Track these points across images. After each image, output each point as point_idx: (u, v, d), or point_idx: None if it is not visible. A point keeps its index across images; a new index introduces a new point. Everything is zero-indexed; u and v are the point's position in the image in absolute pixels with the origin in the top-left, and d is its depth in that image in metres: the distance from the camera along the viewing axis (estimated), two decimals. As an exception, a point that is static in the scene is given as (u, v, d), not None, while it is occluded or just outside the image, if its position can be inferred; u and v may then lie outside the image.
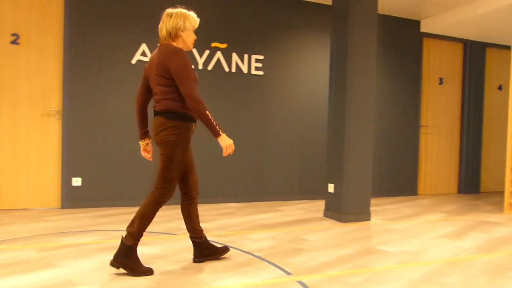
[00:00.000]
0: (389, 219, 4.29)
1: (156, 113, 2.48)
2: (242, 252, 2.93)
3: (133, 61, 4.59)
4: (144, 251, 2.87)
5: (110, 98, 4.52)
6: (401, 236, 3.55)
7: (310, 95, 5.50)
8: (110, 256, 2.74)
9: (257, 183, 5.22)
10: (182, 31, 2.48)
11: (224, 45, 4.99)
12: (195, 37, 2.57)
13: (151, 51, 4.65)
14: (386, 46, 5.94)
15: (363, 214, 4.16)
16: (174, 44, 2.49)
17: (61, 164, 4.40)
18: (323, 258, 2.85)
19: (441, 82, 6.43)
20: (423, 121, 6.30)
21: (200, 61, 4.88)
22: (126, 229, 2.44)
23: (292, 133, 5.40)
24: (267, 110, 5.26)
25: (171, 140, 2.41)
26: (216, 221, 3.95)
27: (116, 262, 2.38)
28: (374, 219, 4.30)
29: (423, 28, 6.10)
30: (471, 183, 6.61)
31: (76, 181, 4.41)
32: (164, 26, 2.47)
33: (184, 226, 3.69)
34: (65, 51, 4.34)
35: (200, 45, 4.88)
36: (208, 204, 4.90)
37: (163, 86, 2.43)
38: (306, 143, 5.49)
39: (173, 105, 2.43)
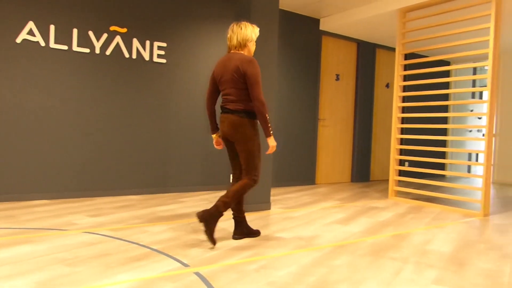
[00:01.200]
0: (288, 208, 4.48)
1: (230, 111, 2.90)
2: (139, 246, 2.82)
3: (18, 40, 4.13)
4: (29, 249, 2.62)
5: (-11, 80, 4.02)
6: (298, 223, 3.73)
7: (214, 86, 5.48)
8: (-15, 257, 2.45)
9: (160, 175, 5.08)
10: (250, 42, 2.95)
11: (124, 30, 4.74)
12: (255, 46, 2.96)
13: (40, 31, 4.23)
14: (288, 41, 6.15)
15: (263, 204, 4.28)
16: (242, 52, 2.94)
17: None
18: (222, 248, 2.87)
19: (337, 78, 6.85)
20: (321, 115, 6.67)
21: (97, 44, 4.57)
22: (220, 198, 2.83)
23: (196, 123, 5.35)
24: (169, 99, 5.12)
25: (251, 135, 2.90)
26: (114, 215, 3.76)
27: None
28: (274, 208, 4.45)
29: (322, 27, 6.44)
30: (362, 172, 7.20)
31: None
32: (235, 37, 2.92)
33: (76, 221, 3.44)
34: None
35: (98, 27, 4.57)
36: (107, 197, 4.64)
37: (239, 89, 2.87)
38: (210, 133, 5.47)
39: (247, 106, 2.91)
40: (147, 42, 4.90)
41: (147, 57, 4.91)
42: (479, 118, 9.17)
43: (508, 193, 6.41)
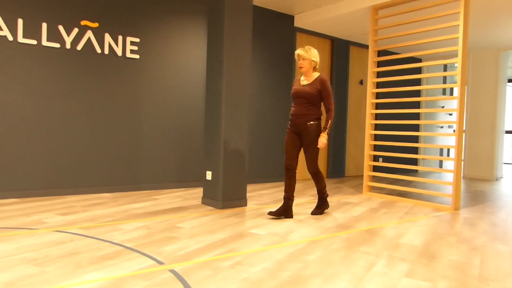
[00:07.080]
0: (263, 204, 4.49)
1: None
2: (111, 244, 2.77)
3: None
4: (-6, 251, 2.53)
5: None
6: (273, 219, 3.74)
7: (188, 81, 5.43)
8: None
9: (133, 172, 5.00)
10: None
11: (95, 24, 4.63)
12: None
13: (7, 25, 4.08)
14: (262, 38, 6.15)
15: (239, 200, 4.27)
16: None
17: None
18: (197, 245, 2.85)
19: (312, 75, 6.88)
20: (296, 111, 6.69)
21: (68, 39, 4.45)
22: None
23: (169, 119, 5.29)
24: (142, 95, 5.04)
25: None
26: (85, 213, 3.68)
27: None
28: (250, 204, 4.45)
29: (296, 23, 6.46)
30: (337, 168, 7.28)
31: None
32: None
33: (46, 220, 3.35)
34: None
35: (68, 21, 4.45)
36: (78, 195, 4.53)
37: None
38: (184, 130, 5.42)
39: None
40: (120, 37, 4.81)
41: (119, 53, 4.81)
42: (450, 114, 9.43)
43: (477, 187, 6.61)
